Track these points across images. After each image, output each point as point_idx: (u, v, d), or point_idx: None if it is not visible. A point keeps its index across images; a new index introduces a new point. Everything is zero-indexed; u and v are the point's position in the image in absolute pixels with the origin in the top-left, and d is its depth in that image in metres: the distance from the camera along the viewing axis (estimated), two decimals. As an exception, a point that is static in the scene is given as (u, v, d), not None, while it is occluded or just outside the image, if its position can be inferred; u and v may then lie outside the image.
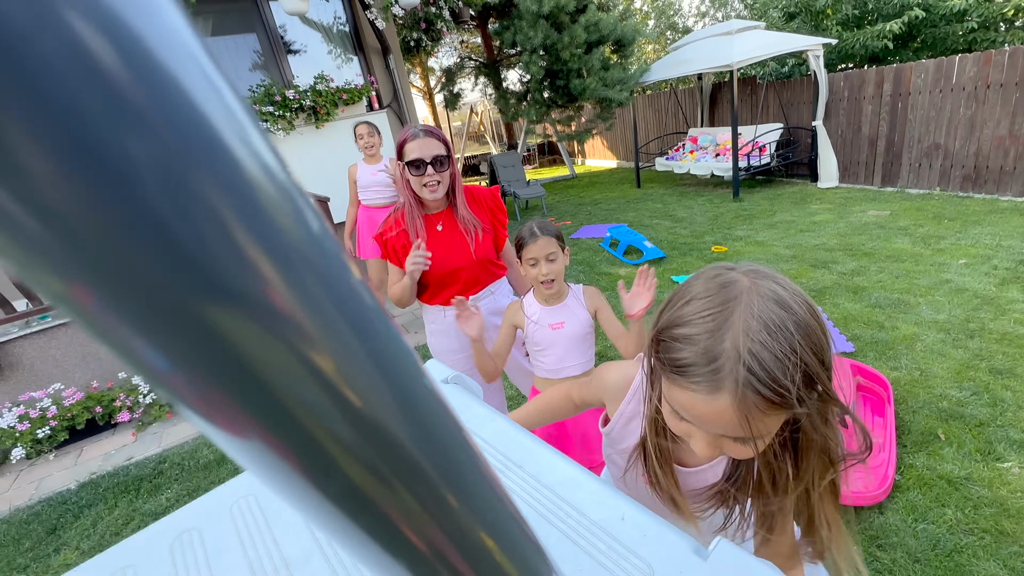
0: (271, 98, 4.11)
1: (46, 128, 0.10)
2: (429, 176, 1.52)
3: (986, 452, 2.04)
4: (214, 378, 0.14)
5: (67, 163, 0.11)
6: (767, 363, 0.48)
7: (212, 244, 0.13)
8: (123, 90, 0.11)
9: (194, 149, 0.12)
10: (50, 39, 0.10)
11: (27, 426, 2.81)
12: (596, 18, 6.52)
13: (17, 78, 0.10)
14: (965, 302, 3.17)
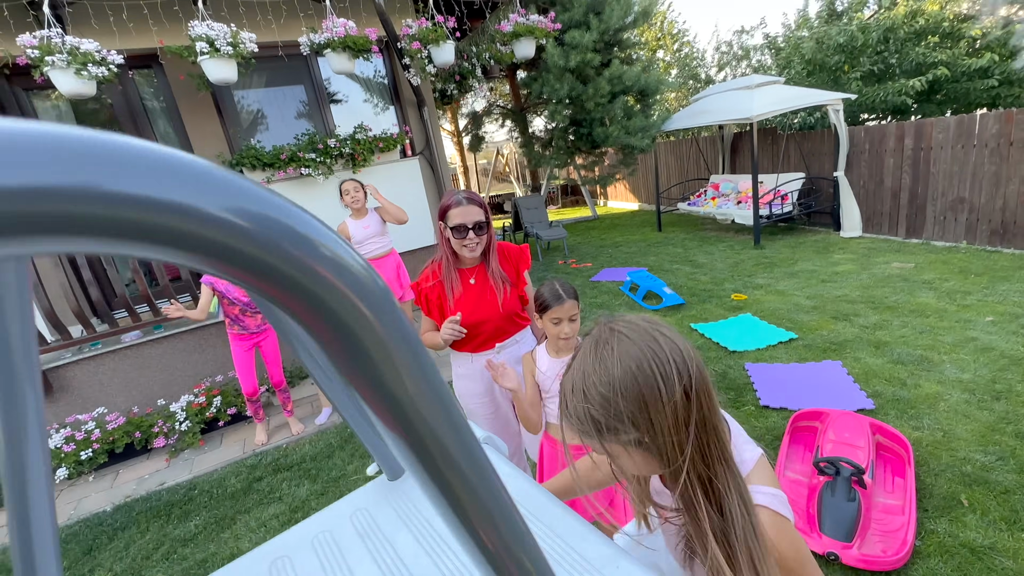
0: (314, 146, 4.44)
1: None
2: (470, 240, 1.70)
3: (1011, 521, 2.00)
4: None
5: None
6: (572, 403, 0.66)
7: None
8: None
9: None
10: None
11: (72, 448, 2.98)
12: (620, 72, 6.84)
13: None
14: (991, 362, 3.12)
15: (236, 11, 3.84)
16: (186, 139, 4.27)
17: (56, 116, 4.05)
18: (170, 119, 4.28)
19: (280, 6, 4.03)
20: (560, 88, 6.76)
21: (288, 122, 4.83)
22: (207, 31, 3.27)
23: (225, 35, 3.33)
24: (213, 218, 0.15)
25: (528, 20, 4.41)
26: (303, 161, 4.36)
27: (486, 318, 1.77)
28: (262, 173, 4.41)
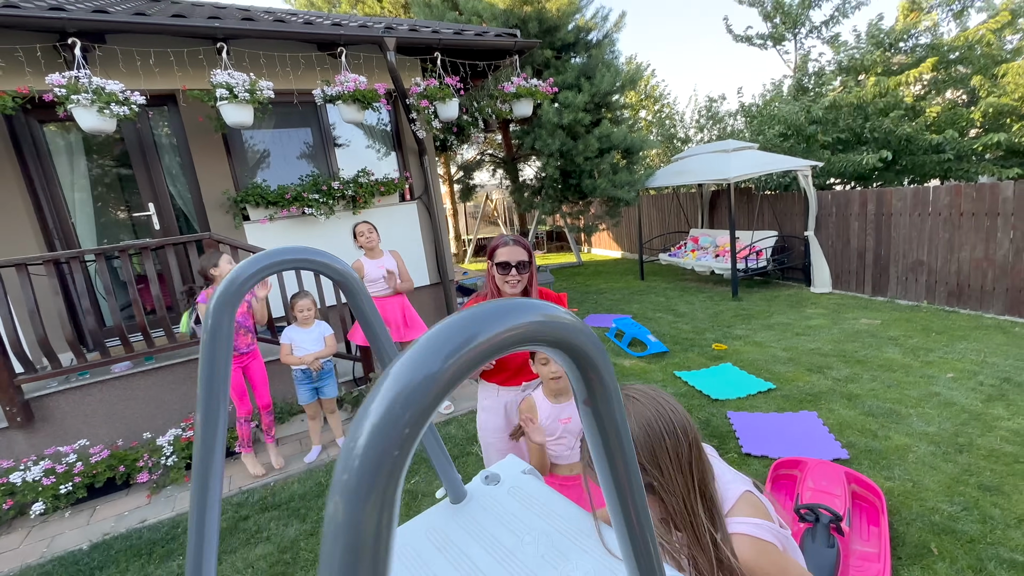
0: (318, 187, 4.61)
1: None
2: (512, 276, 1.87)
3: (978, 569, 2.13)
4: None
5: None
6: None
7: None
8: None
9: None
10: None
11: (52, 480, 2.90)
12: (608, 131, 7.31)
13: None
14: (953, 416, 3.34)
15: (257, 62, 4.09)
16: (194, 175, 4.40)
17: (67, 147, 4.15)
18: (179, 155, 4.42)
19: (299, 59, 4.30)
20: (552, 142, 7.17)
21: (292, 163, 5.01)
22: (227, 79, 3.47)
23: (244, 83, 3.54)
24: (532, 327, 0.28)
25: (528, 83, 4.78)
26: (306, 201, 4.51)
27: (516, 354, 1.90)
28: (265, 210, 4.54)
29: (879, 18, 8.68)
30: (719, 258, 7.70)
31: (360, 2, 9.72)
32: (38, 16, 3.10)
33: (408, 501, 2.88)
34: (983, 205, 5.27)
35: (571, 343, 0.29)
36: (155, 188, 4.37)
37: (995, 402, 3.48)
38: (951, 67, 8.14)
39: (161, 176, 4.37)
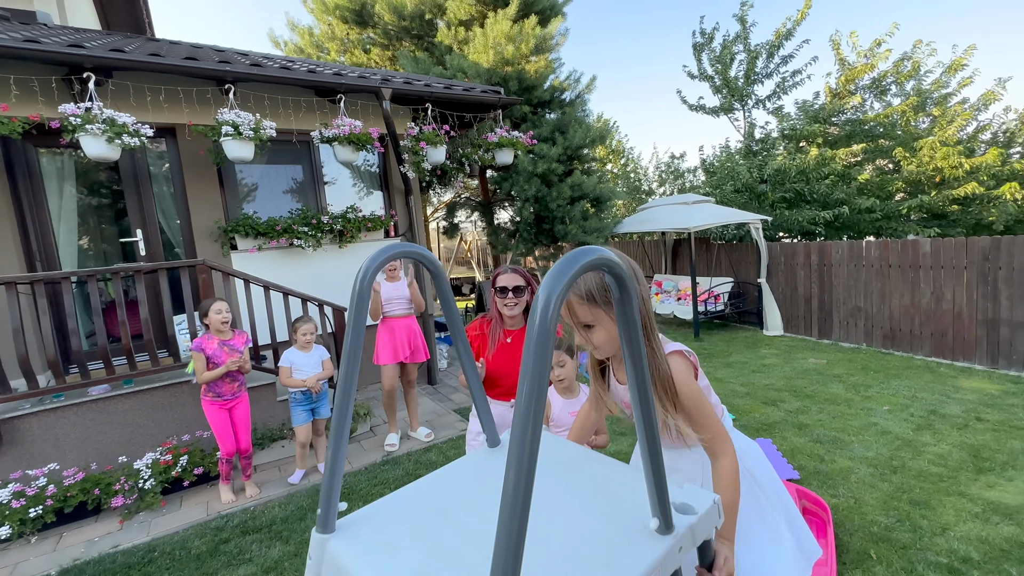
0: (307, 220, 4.81)
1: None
2: (509, 299, 2.09)
3: (909, 571, 2.41)
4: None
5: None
6: (584, 284, 1.12)
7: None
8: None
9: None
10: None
11: (22, 503, 2.82)
12: (580, 180, 7.88)
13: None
14: (889, 443, 3.72)
15: (262, 103, 4.36)
16: (186, 204, 4.53)
17: (58, 172, 4.22)
18: (173, 184, 4.55)
19: (300, 103, 4.60)
20: (529, 188, 7.65)
21: (281, 197, 5.21)
22: (235, 118, 3.72)
23: (250, 122, 3.80)
24: (596, 258, 0.55)
25: (510, 135, 5.23)
26: (296, 233, 4.69)
27: (508, 373, 2.13)
28: (254, 240, 4.68)
29: (815, 96, 9.87)
30: (681, 301, 8.21)
31: (348, 52, 10.28)
32: (59, 51, 3.30)
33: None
34: (907, 258, 5.98)
35: (610, 263, 0.56)
36: (144, 215, 4.46)
37: (923, 431, 3.90)
38: (876, 140, 9.28)
39: (152, 204, 4.48)
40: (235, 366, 3.09)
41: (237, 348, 3.16)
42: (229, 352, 3.10)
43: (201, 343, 3.06)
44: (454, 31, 8.53)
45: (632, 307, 0.61)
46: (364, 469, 3.64)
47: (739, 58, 10.16)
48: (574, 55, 42.83)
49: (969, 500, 2.95)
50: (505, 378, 2.15)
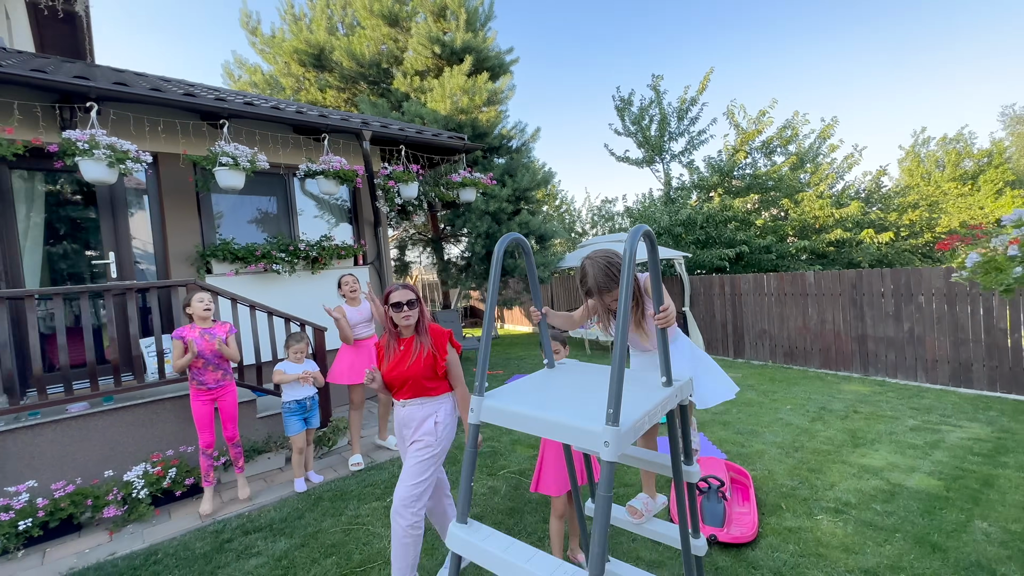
0: (283, 247, 5.07)
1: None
2: (404, 312, 2.37)
3: (808, 514, 3.14)
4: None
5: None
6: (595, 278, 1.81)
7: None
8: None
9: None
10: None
11: (11, 516, 2.81)
12: (527, 219, 8.69)
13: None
14: (791, 431, 4.60)
15: (253, 138, 4.68)
16: (162, 228, 4.65)
17: (27, 192, 4.22)
18: (151, 207, 4.66)
19: (286, 139, 4.97)
20: (481, 225, 8.31)
21: (253, 225, 5.42)
22: (233, 150, 4.05)
23: (247, 155, 4.13)
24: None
25: (473, 176, 5.89)
26: (273, 258, 4.93)
27: (404, 376, 2.35)
28: (231, 264, 4.85)
29: (719, 153, 11.63)
30: (619, 328, 9.11)
31: (304, 90, 10.63)
32: (68, 81, 3.50)
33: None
34: (798, 287, 7.28)
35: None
36: (118, 237, 4.51)
37: (816, 422, 4.85)
38: (768, 191, 11.09)
39: (126, 226, 4.55)
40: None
41: (217, 335, 3.33)
42: (210, 340, 3.27)
43: (182, 331, 3.23)
44: (410, 80, 9.25)
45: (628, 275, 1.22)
46: (352, 475, 3.88)
47: (655, 119, 11.79)
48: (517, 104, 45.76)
49: (849, 466, 3.81)
50: (398, 380, 2.36)
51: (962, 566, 2.56)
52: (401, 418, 2.41)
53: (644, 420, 1.27)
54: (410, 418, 2.39)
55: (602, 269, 1.84)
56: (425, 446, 2.36)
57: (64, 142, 3.44)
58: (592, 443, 1.14)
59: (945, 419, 4.78)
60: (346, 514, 3.30)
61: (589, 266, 1.86)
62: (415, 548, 2.27)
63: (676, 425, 1.67)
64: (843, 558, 2.67)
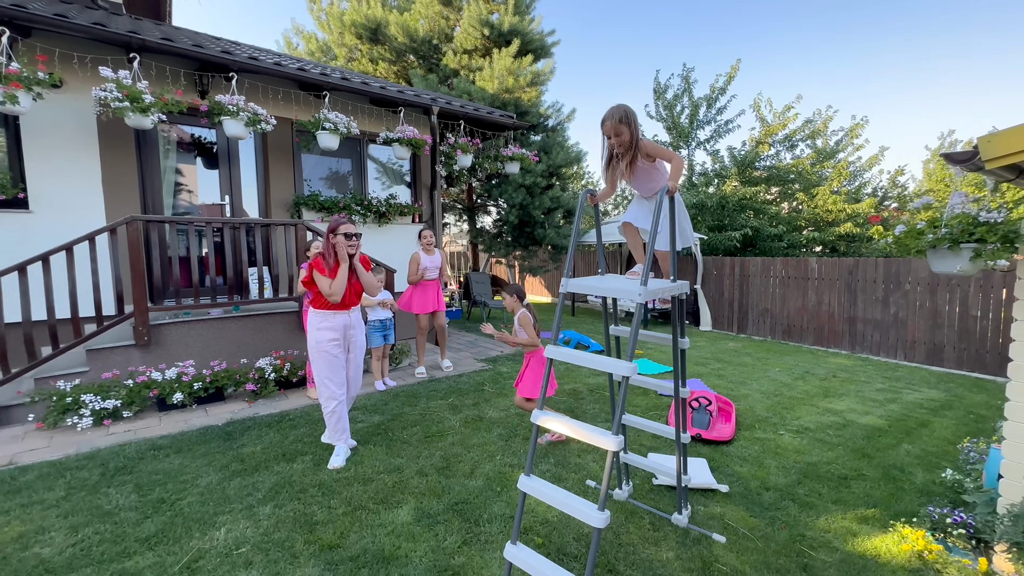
0: (359, 201, 6.04)
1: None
2: (354, 242, 3.14)
3: (774, 432, 4.08)
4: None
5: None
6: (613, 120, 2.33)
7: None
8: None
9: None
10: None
11: (189, 379, 3.89)
12: (558, 194, 9.53)
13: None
14: (775, 385, 5.51)
15: (346, 108, 5.59)
16: (266, 178, 5.63)
17: (164, 144, 5.21)
18: (257, 162, 5.65)
19: (366, 109, 5.88)
20: (516, 196, 9.18)
21: (332, 182, 6.39)
22: (335, 118, 4.97)
23: (343, 122, 5.05)
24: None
25: (520, 151, 6.75)
26: (352, 210, 5.91)
27: (345, 292, 3.15)
28: (317, 213, 5.84)
29: (743, 144, 12.22)
30: (634, 300, 10.01)
31: (355, 60, 11.44)
32: (215, 55, 4.44)
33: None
34: (801, 272, 8.07)
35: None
36: (232, 184, 5.51)
37: (798, 380, 5.75)
38: (786, 184, 11.70)
39: (239, 175, 5.54)
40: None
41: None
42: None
43: (306, 265, 4.29)
44: (459, 57, 10.01)
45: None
46: (417, 383, 4.93)
47: (685, 108, 12.38)
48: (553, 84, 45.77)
49: (815, 408, 4.73)
50: (348, 296, 3.20)
51: (881, 466, 3.48)
52: (348, 322, 3.23)
53: (658, 292, 2.20)
54: (356, 320, 3.32)
55: (612, 109, 2.27)
56: (364, 345, 3.42)
57: (215, 104, 4.40)
58: (630, 295, 2.06)
59: (910, 386, 5.64)
60: (419, 405, 4.33)
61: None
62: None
63: (675, 310, 2.56)
64: (794, 456, 3.61)
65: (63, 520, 2.53)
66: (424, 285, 5.14)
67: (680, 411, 2.65)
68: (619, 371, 1.94)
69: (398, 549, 2.34)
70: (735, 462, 3.47)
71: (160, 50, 4.31)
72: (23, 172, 4.36)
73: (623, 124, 2.27)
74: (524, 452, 3.47)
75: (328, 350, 3.14)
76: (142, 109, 3.96)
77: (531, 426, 3.80)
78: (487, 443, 3.61)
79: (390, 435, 3.69)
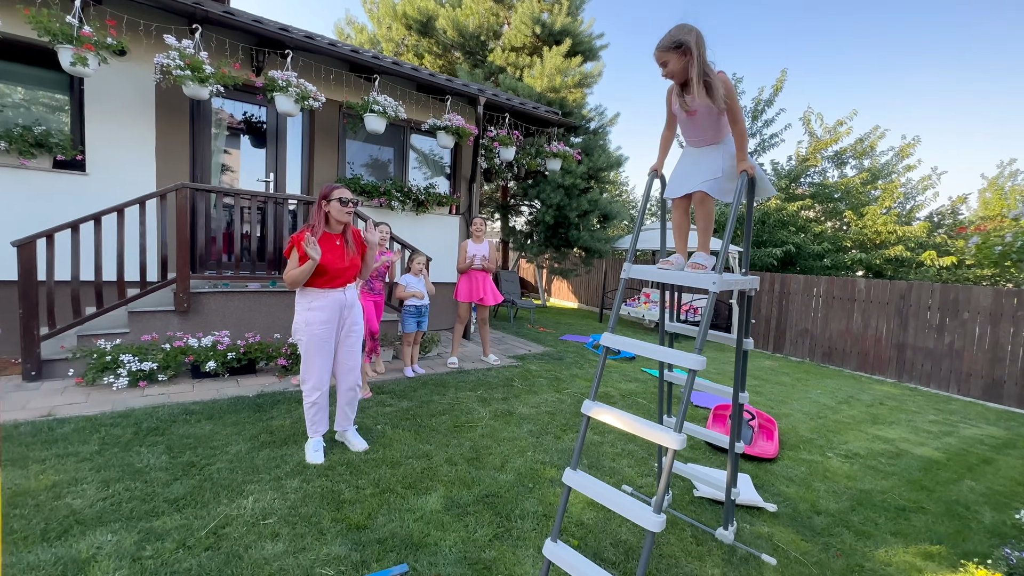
0: (399, 188, 6.02)
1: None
2: (348, 208, 2.75)
3: (821, 454, 3.82)
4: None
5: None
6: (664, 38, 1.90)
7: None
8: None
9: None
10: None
11: (224, 347, 3.89)
12: (596, 197, 9.36)
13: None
14: (817, 407, 5.22)
15: (394, 93, 5.60)
16: (311, 158, 5.67)
17: (218, 122, 5.30)
18: (303, 142, 5.69)
19: (421, 98, 5.87)
20: (554, 197, 9.06)
21: (373, 168, 6.40)
22: (384, 101, 4.96)
23: (392, 106, 5.04)
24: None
25: (564, 148, 6.63)
26: (392, 195, 5.89)
27: (340, 267, 2.75)
28: (358, 196, 5.84)
29: (788, 159, 11.80)
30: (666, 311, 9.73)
31: (401, 54, 11.55)
32: (273, 31, 4.48)
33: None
34: (847, 292, 7.68)
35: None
36: (277, 163, 5.56)
37: (843, 404, 5.43)
38: (833, 202, 11.24)
39: (285, 155, 5.60)
40: (395, 258, 4.50)
41: (389, 256, 4.37)
42: (384, 261, 4.30)
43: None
44: (506, 55, 9.98)
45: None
46: (447, 372, 4.85)
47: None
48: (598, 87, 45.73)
49: (864, 434, 4.43)
50: (338, 269, 2.74)
51: (942, 501, 3.21)
52: (344, 300, 2.83)
53: (733, 283, 2.04)
54: (352, 299, 2.92)
55: (671, 31, 1.86)
56: (362, 330, 3.03)
57: (268, 79, 4.43)
58: (703, 284, 1.91)
59: (966, 420, 5.26)
60: (448, 395, 4.24)
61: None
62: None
63: (742, 309, 2.39)
64: (844, 481, 3.37)
65: (95, 474, 2.52)
66: (472, 274, 5.06)
67: (737, 419, 2.48)
68: (686, 363, 1.80)
69: (427, 536, 2.23)
70: (780, 482, 3.25)
71: (221, 23, 4.38)
72: (83, 135, 4.49)
73: (671, 51, 1.85)
74: (556, 450, 3.34)
75: (318, 333, 2.75)
76: (201, 79, 4.02)
77: (567, 423, 3.73)
78: (517, 438, 3.49)
79: (419, 421, 3.60)
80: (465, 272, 5.10)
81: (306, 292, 2.76)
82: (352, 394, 3.03)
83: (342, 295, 2.84)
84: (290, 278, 2.66)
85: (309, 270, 2.62)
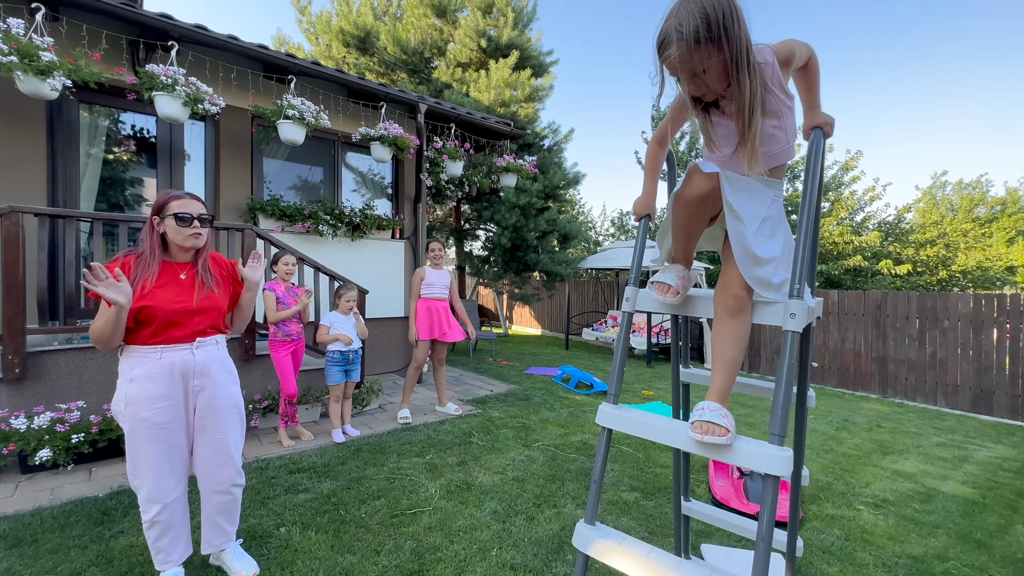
0: (329, 211, 5.13)
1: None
2: (195, 228, 1.80)
3: (848, 506, 3.16)
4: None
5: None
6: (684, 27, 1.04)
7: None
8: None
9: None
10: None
11: (65, 429, 2.81)
12: (554, 216, 8.78)
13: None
14: (818, 437, 4.62)
15: (315, 98, 4.76)
16: (216, 176, 4.70)
17: (91, 130, 4.28)
18: (206, 157, 4.73)
19: (350, 103, 5.05)
20: (509, 218, 8.39)
21: (298, 188, 5.49)
22: (301, 105, 4.12)
23: (311, 111, 4.20)
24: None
25: (516, 161, 5.98)
26: (320, 219, 4.98)
27: (180, 309, 1.78)
28: (278, 221, 4.90)
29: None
30: (635, 333, 9.14)
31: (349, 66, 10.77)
32: (152, 17, 3.58)
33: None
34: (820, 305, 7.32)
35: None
36: (172, 183, 4.56)
37: (841, 431, 4.87)
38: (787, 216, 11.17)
39: (182, 173, 4.61)
40: (307, 299, 3.46)
41: (298, 294, 3.46)
42: (294, 298, 3.40)
43: (272, 285, 3.34)
44: (452, 71, 9.40)
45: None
46: (387, 433, 3.90)
47: (685, 134, 11.95)
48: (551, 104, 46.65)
49: (881, 470, 3.83)
50: (170, 314, 1.76)
51: (1009, 561, 2.58)
52: (191, 363, 1.81)
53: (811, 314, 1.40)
54: (208, 360, 1.85)
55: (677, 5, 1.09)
56: (238, 406, 1.99)
57: (145, 75, 3.51)
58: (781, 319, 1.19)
59: (969, 439, 4.81)
60: (387, 465, 3.30)
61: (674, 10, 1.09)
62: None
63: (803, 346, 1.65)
64: (889, 545, 2.69)
65: None
66: (427, 305, 4.19)
67: (796, 502, 1.74)
68: (762, 467, 1.06)
69: None
70: (817, 557, 2.53)
71: (76, 4, 3.44)
72: None
73: (707, 46, 1.06)
74: (529, 541, 2.48)
75: (146, 417, 1.73)
76: (39, 70, 3.04)
77: (541, 492, 2.75)
78: (477, 526, 2.61)
79: (342, 513, 2.66)
80: (421, 301, 4.20)
81: (128, 353, 1.78)
82: (227, 499, 2.02)
83: (188, 355, 1.80)
84: (95, 332, 1.69)
85: (113, 319, 1.63)
